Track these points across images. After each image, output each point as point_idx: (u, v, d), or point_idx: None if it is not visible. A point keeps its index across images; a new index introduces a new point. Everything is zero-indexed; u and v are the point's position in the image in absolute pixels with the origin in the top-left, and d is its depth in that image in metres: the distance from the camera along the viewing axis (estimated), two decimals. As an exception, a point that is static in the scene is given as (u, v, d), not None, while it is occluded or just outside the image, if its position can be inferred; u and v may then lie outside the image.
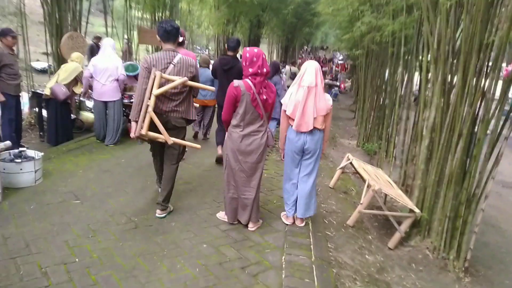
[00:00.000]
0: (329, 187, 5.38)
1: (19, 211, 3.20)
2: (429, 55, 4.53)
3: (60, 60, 6.36)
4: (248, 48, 3.09)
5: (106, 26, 8.89)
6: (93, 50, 9.97)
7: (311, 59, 31.89)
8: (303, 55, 38.28)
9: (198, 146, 3.51)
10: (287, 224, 3.59)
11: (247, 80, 3.02)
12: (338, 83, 19.98)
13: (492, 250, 4.91)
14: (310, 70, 3.17)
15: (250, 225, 3.35)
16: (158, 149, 3.49)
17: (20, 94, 5.11)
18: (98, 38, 10.16)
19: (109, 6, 9.67)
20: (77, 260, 2.55)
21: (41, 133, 5.73)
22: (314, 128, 3.21)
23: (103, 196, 3.71)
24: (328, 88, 19.44)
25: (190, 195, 4.02)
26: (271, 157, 6.03)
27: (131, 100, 5.88)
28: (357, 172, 5.14)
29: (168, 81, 3.11)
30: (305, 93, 3.13)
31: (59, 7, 6.28)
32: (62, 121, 5.30)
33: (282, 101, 3.33)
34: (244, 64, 3.05)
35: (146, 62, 3.14)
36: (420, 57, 5.83)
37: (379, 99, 8.54)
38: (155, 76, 3.04)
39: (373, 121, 8.69)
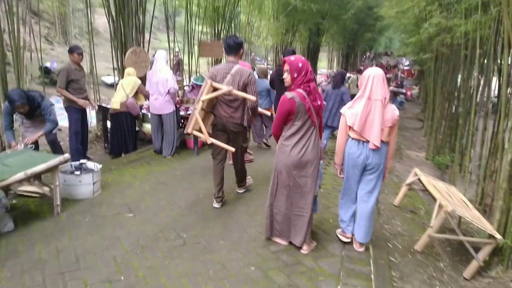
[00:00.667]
0: (393, 205, 4.91)
1: (75, 224, 3.31)
2: (510, 57, 3.94)
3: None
4: (293, 58, 2.93)
5: (169, 41, 9.25)
6: (179, 65, 10.45)
7: (374, 66, 30.69)
8: (366, 61, 36.99)
9: (232, 149, 3.59)
10: (344, 242, 3.29)
11: (300, 90, 2.88)
12: (404, 90, 18.81)
13: None
14: (378, 80, 2.92)
15: (304, 247, 3.10)
16: (221, 153, 3.86)
17: (88, 107, 5.42)
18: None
19: (172, 22, 10.06)
20: (122, 278, 2.51)
21: (105, 145, 6.03)
22: None
23: (156, 209, 3.73)
24: (393, 95, 18.39)
25: (242, 210, 3.88)
26: (328, 170, 5.70)
27: (188, 112, 5.96)
28: (426, 189, 4.62)
29: (217, 89, 3.51)
30: (374, 105, 2.90)
31: (123, 24, 6.62)
32: (128, 133, 5.52)
33: (342, 111, 3.07)
34: (296, 74, 2.88)
35: (210, 72, 3.69)
36: (499, 60, 5.16)
37: (450, 107, 7.77)
38: (207, 84, 3.51)
39: (445, 131, 7.92)
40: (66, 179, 3.76)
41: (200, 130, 3.55)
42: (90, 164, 4.12)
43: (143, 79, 6.30)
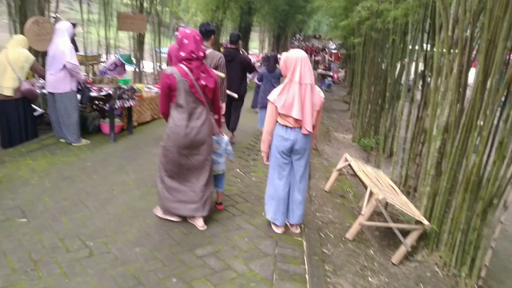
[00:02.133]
0: (324, 191, 4.83)
1: None
2: (441, 44, 3.95)
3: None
4: (187, 31, 2.83)
5: (81, 12, 8.15)
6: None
7: (304, 48, 31.31)
8: (296, 43, 37.53)
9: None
10: (277, 233, 3.20)
11: (181, 65, 2.77)
12: (331, 73, 19.36)
13: (502, 260, 4.44)
14: (305, 64, 2.85)
15: (199, 223, 3.08)
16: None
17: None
18: (74, 26, 9.33)
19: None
20: (2, 309, 1.96)
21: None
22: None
23: (57, 211, 3.08)
24: (321, 78, 18.84)
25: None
26: (260, 157, 5.45)
27: (102, 93, 5.22)
28: (356, 175, 4.59)
29: None
30: (305, 90, 2.84)
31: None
32: (23, 120, 4.64)
33: (270, 98, 2.92)
34: (179, 48, 2.80)
35: None
36: (425, 46, 5.26)
37: (376, 91, 7.98)
38: None
39: (370, 114, 8.14)
40: None
41: None
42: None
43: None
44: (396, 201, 3.77)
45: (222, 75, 4.26)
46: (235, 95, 5.25)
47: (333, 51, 28.92)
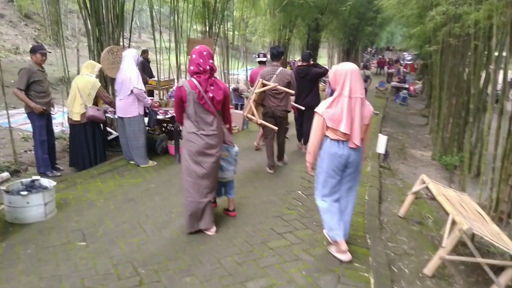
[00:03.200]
0: (398, 216, 4.32)
1: (12, 257, 2.72)
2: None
3: (103, 76, 6.12)
4: (197, 48, 3.05)
5: (154, 40, 8.70)
6: (144, 66, 9.89)
7: (376, 61, 30.03)
8: (366, 57, 36.26)
9: (275, 128, 4.74)
10: (341, 260, 2.99)
11: (192, 79, 3.02)
12: (407, 86, 18.16)
13: None
14: (356, 77, 2.79)
15: (210, 232, 3.22)
16: (269, 135, 5.03)
17: (52, 112, 4.86)
18: (146, 52, 10.03)
19: (158, 20, 9.49)
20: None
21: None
22: None
23: (115, 235, 3.12)
24: (396, 91, 17.76)
25: (219, 233, 3.31)
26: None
27: (167, 116, 5.39)
28: (436, 199, 4.03)
29: (266, 85, 4.74)
30: (355, 104, 2.79)
31: (97, 20, 6.05)
32: (92, 144, 4.94)
33: (318, 110, 2.88)
34: (190, 63, 3.05)
35: (260, 74, 4.96)
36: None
37: (458, 103, 7.16)
38: (259, 81, 4.79)
39: (452, 129, 7.31)
40: (11, 201, 3.18)
41: (253, 114, 4.72)
42: (44, 181, 3.54)
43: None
44: (485, 232, 3.19)
45: (293, 92, 4.95)
46: (302, 108, 5.56)
47: (408, 62, 27.27)
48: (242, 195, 4.19)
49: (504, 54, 4.59)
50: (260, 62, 6.74)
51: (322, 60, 28.21)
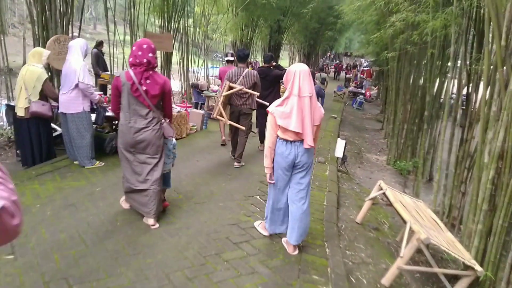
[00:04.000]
0: (355, 222, 4.28)
1: None
2: (492, 57, 3.41)
3: (48, 68, 5.59)
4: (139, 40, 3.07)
5: (108, 32, 8.16)
6: (98, 58, 9.28)
7: (333, 66, 30.82)
8: (326, 61, 37.10)
9: (243, 127, 5.12)
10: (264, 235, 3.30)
11: (130, 70, 3.01)
12: (363, 91, 18.70)
13: None
14: (304, 77, 2.81)
15: (150, 221, 3.21)
16: (234, 129, 5.36)
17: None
18: (101, 44, 9.44)
19: (112, 12, 8.94)
20: None
21: (18, 151, 4.93)
22: None
23: (50, 246, 2.75)
24: (353, 96, 18.22)
25: (170, 244, 3.04)
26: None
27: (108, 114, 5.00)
28: (392, 206, 4.03)
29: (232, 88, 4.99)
30: (305, 103, 2.79)
31: (43, 6, 5.50)
32: (38, 141, 4.48)
33: (270, 109, 2.91)
34: (130, 54, 3.05)
35: (227, 75, 5.15)
36: (469, 60, 4.68)
37: (413, 109, 7.36)
38: (226, 84, 5.01)
39: (407, 135, 7.50)
40: None
41: (222, 115, 5.05)
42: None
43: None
44: (442, 241, 3.19)
45: (257, 93, 5.15)
46: (266, 103, 5.50)
47: (365, 68, 28.21)
48: (198, 201, 3.94)
49: (458, 62, 4.71)
50: (228, 61, 7.11)
51: (284, 62, 28.42)
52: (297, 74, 2.80)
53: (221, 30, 15.87)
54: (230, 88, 5.00)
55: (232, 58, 6.94)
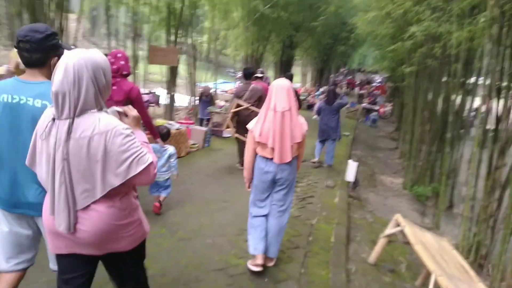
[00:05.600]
0: (368, 263, 3.67)
1: None
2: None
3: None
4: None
5: (109, 46, 7.86)
6: None
7: (346, 82, 30.33)
8: (339, 77, 36.59)
9: (245, 138, 4.67)
10: (255, 271, 2.86)
11: None
12: (377, 107, 18.04)
13: None
14: (280, 92, 2.80)
15: None
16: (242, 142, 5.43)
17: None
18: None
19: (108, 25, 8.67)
20: None
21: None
22: None
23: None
24: (366, 112, 17.58)
25: None
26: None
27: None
28: (412, 245, 3.41)
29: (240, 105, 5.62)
30: (279, 118, 2.75)
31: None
32: None
33: (249, 126, 2.91)
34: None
35: (236, 91, 6.26)
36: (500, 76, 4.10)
37: (432, 130, 6.74)
38: (234, 103, 5.74)
39: (425, 157, 6.86)
40: None
41: (229, 127, 5.73)
42: None
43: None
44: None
45: (257, 110, 5.20)
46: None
47: (379, 84, 27.57)
48: (183, 236, 3.39)
49: (487, 79, 4.12)
50: (257, 77, 6.95)
51: (296, 78, 28.05)
52: (273, 89, 2.83)
53: (231, 45, 15.60)
54: (238, 105, 5.66)
55: (261, 75, 7.04)
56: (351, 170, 5.80)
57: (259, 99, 5.46)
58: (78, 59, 1.46)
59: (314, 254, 3.38)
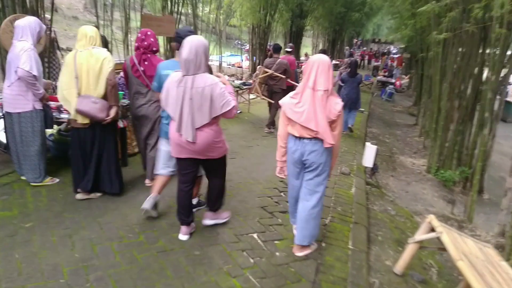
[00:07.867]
0: (393, 273, 3.00)
1: None
2: None
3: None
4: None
5: (97, 16, 7.07)
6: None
7: (360, 53, 28.86)
8: (353, 48, 35.01)
9: (272, 100, 6.51)
10: None
11: (133, 55, 3.43)
12: (393, 80, 16.97)
13: None
14: (321, 69, 2.62)
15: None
16: (268, 102, 6.78)
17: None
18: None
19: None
20: None
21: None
22: (316, 137, 2.65)
23: None
24: (382, 85, 16.57)
25: None
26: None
27: (63, 115, 3.91)
28: (445, 249, 2.73)
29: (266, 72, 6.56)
30: (316, 97, 2.59)
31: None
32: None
33: (281, 102, 2.78)
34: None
35: (264, 63, 6.79)
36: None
37: (462, 107, 5.90)
38: (261, 69, 6.67)
39: (453, 137, 6.06)
40: None
41: (257, 92, 6.74)
42: None
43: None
44: None
45: (284, 76, 6.49)
46: (296, 84, 6.42)
47: (395, 55, 26.15)
48: (163, 247, 2.75)
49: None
50: (287, 52, 7.75)
51: (307, 49, 26.77)
52: (315, 65, 2.65)
53: (236, 14, 14.59)
54: (265, 72, 6.49)
55: (290, 49, 7.71)
56: (370, 154, 5.08)
57: (284, 72, 6.43)
58: (197, 41, 2.48)
59: (328, 268, 2.73)
